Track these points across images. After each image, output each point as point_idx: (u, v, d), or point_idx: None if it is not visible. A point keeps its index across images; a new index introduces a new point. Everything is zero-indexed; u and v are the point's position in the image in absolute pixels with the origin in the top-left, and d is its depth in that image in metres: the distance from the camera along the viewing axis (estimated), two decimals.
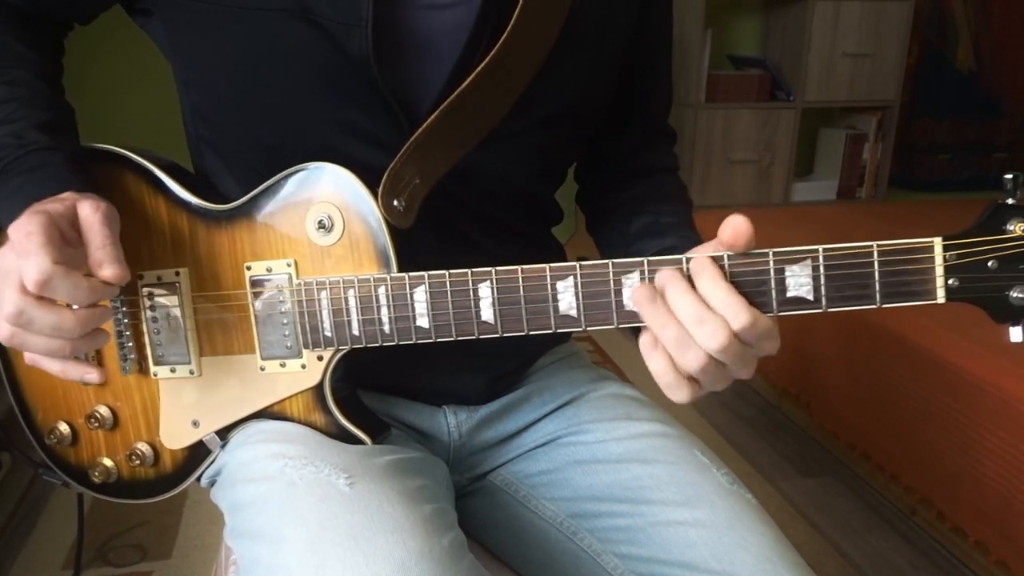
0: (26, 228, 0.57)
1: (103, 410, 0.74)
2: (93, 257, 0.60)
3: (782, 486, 1.83)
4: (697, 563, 0.67)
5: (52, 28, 0.75)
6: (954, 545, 1.59)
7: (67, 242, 0.59)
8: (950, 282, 0.57)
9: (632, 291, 0.60)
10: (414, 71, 0.67)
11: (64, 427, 0.75)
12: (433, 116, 0.65)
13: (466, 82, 0.64)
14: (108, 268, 0.60)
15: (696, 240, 0.73)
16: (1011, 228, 0.56)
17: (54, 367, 0.64)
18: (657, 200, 0.82)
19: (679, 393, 0.59)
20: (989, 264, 0.57)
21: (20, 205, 0.61)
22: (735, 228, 0.57)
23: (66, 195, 0.62)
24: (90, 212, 0.60)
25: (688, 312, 0.57)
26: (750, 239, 0.58)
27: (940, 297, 0.58)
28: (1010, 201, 0.56)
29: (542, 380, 0.83)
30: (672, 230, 0.77)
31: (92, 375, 0.65)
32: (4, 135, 0.65)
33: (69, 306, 0.60)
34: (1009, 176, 0.56)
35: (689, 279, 0.58)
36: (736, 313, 0.56)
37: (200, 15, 0.66)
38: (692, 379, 0.59)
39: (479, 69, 0.64)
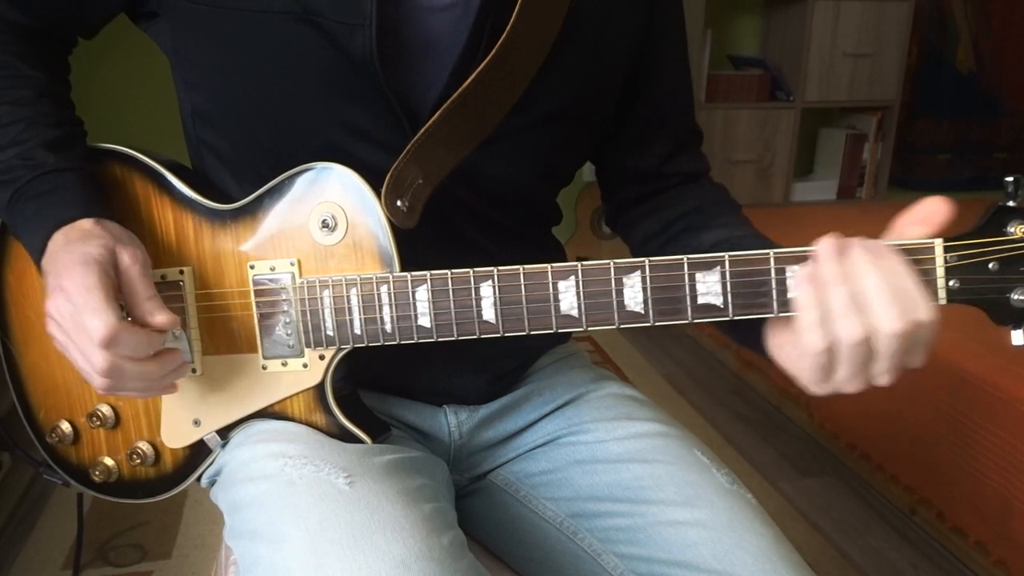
0: (85, 281, 0.59)
1: (105, 409, 0.74)
2: (142, 307, 0.63)
3: (782, 486, 1.83)
4: (697, 563, 0.67)
5: (57, 45, 0.75)
6: (954, 545, 1.59)
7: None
8: (951, 283, 0.57)
9: (819, 242, 0.56)
10: (415, 72, 0.67)
11: (66, 426, 0.75)
12: (435, 116, 0.65)
13: (467, 82, 0.64)
14: (160, 316, 0.63)
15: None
16: (1012, 230, 0.56)
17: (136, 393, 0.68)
18: (715, 213, 0.79)
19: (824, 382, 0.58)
20: (990, 266, 0.57)
21: (45, 230, 0.63)
22: (933, 211, 0.57)
23: (94, 228, 0.63)
24: (130, 263, 0.63)
25: (878, 285, 0.54)
26: (943, 223, 0.57)
27: (941, 298, 0.58)
28: (1011, 204, 0.56)
29: (542, 380, 0.83)
30: (751, 243, 0.74)
31: (175, 380, 0.68)
32: (11, 157, 0.66)
33: None
34: (1010, 179, 0.56)
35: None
36: (924, 306, 0.54)
37: (202, 17, 0.66)
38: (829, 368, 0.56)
39: (480, 69, 0.64)
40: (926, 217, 0.58)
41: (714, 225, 0.78)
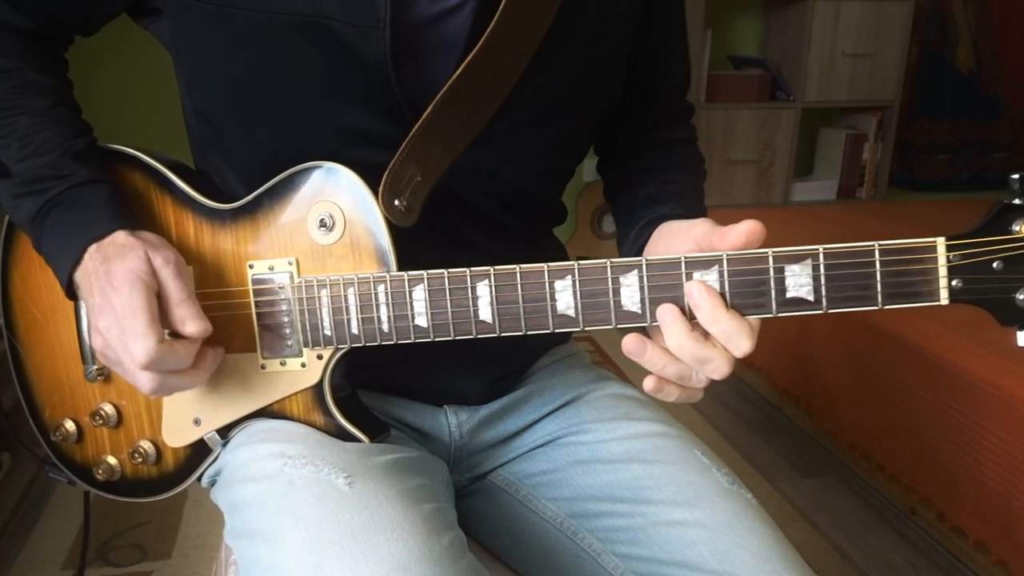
0: (131, 302, 0.60)
1: (108, 407, 0.74)
2: (174, 315, 0.63)
3: (782, 486, 1.83)
4: (697, 563, 0.67)
5: (58, 45, 0.75)
6: (954, 545, 1.59)
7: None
8: (954, 283, 0.56)
9: (623, 344, 0.61)
10: (424, 72, 0.67)
11: (70, 424, 0.76)
12: (428, 110, 0.64)
13: (456, 72, 0.64)
14: (191, 326, 0.63)
15: (696, 210, 0.75)
16: (1017, 228, 0.54)
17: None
18: (665, 169, 0.82)
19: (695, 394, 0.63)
20: (994, 265, 0.55)
21: (80, 244, 0.64)
22: (749, 235, 0.58)
23: (127, 240, 0.64)
24: (162, 264, 0.63)
25: (690, 354, 0.59)
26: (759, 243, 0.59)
27: (943, 298, 0.56)
28: (1017, 201, 0.54)
29: (542, 380, 0.83)
30: (672, 198, 0.77)
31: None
32: (39, 167, 0.66)
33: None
34: (1016, 176, 0.54)
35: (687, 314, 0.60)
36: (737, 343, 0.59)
37: (207, 16, 0.66)
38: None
39: (469, 58, 0.64)
40: (746, 244, 0.59)
41: (655, 180, 0.80)
